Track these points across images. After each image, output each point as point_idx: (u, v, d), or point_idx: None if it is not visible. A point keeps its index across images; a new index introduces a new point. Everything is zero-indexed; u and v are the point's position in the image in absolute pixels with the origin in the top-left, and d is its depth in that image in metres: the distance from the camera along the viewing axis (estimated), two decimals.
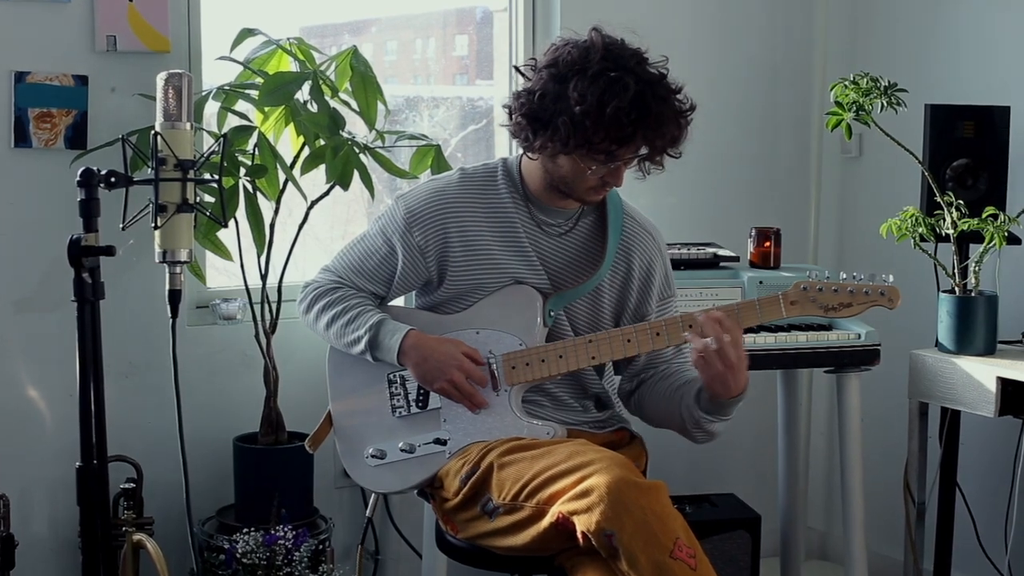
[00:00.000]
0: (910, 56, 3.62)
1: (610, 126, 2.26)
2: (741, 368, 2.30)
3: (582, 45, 2.32)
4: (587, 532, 2.09)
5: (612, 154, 2.31)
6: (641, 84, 2.27)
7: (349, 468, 2.53)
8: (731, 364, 2.28)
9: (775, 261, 3.32)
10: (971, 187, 3.11)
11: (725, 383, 2.30)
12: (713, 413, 2.39)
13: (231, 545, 2.94)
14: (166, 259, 2.26)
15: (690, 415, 2.42)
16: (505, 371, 2.43)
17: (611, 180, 2.38)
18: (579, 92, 2.27)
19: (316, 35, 3.51)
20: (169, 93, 2.26)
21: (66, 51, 2.97)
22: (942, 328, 3.05)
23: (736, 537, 3.29)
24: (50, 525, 3.05)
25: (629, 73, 2.27)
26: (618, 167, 2.36)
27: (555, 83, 2.31)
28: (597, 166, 2.34)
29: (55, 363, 2.96)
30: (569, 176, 2.38)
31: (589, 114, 2.26)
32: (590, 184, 2.39)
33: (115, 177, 2.18)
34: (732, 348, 2.27)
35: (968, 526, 3.32)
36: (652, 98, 2.27)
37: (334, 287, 2.55)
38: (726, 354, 2.27)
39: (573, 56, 2.31)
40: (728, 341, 2.27)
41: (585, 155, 2.32)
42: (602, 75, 2.27)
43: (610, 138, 2.28)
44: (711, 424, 2.41)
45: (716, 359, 2.27)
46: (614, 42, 2.33)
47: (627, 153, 2.33)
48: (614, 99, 2.25)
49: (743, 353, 2.30)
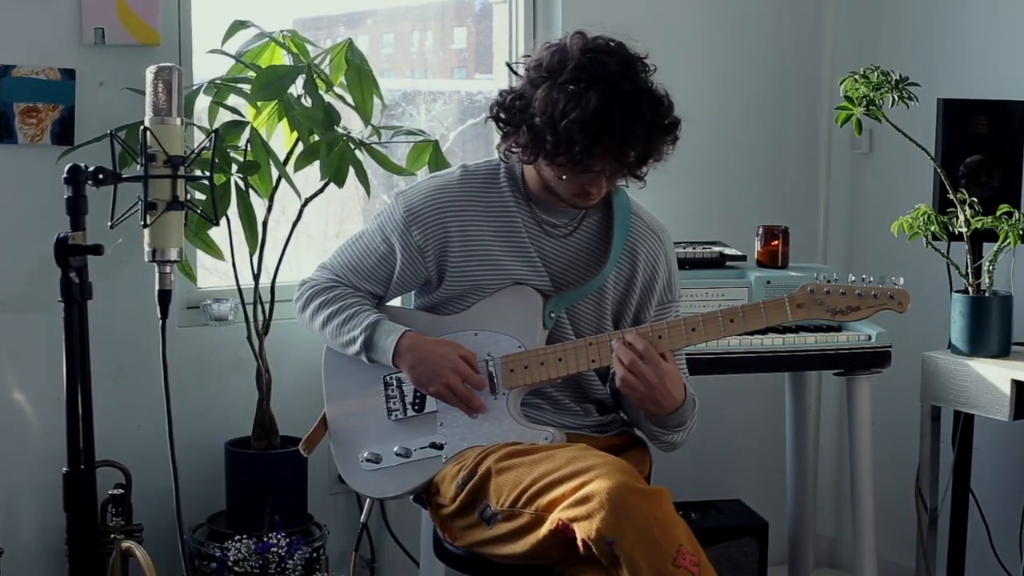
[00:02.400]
0: (922, 49, 3.62)
1: (566, 140, 2.25)
2: (664, 385, 2.33)
3: (562, 49, 2.31)
4: (587, 539, 2.09)
5: (576, 164, 2.29)
6: (607, 97, 2.23)
7: (344, 472, 2.54)
8: (652, 385, 2.32)
9: (783, 260, 3.32)
10: (985, 184, 3.11)
11: (655, 402, 2.35)
12: (662, 427, 2.44)
13: (223, 553, 2.94)
14: (156, 258, 2.25)
15: (647, 429, 2.47)
16: (503, 374, 2.44)
17: (591, 190, 2.37)
18: (541, 101, 2.27)
19: (310, 27, 3.51)
20: (159, 87, 2.26)
21: (53, 44, 2.97)
22: (955, 329, 3.05)
23: (742, 544, 3.29)
24: (36, 532, 3.05)
25: (597, 85, 2.24)
26: (594, 176, 2.34)
27: (530, 87, 2.32)
28: (566, 175, 2.34)
29: (41, 365, 2.96)
30: (550, 181, 2.40)
31: (549, 126, 2.26)
32: (572, 191, 2.38)
33: (103, 174, 2.18)
34: (648, 370, 2.31)
35: (982, 533, 3.32)
36: (620, 113, 2.24)
37: (331, 286, 2.55)
38: (644, 377, 2.31)
39: (550, 61, 2.31)
40: (642, 366, 2.31)
41: (550, 163, 2.33)
42: (566, 86, 2.26)
43: (567, 152, 2.27)
44: (666, 436, 2.46)
45: (636, 383, 2.32)
46: (596, 48, 2.30)
47: (594, 166, 2.30)
48: (572, 112, 2.23)
49: (665, 368, 2.33)
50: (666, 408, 2.36)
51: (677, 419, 2.41)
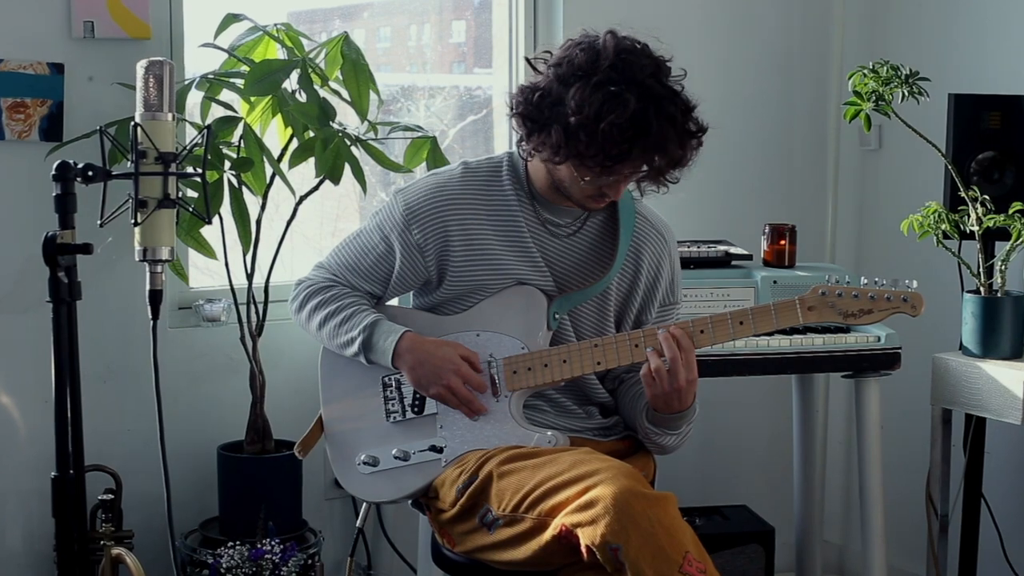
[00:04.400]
0: (933, 42, 3.62)
1: (604, 142, 2.25)
2: (689, 390, 2.36)
3: (593, 48, 2.31)
4: (591, 546, 2.09)
5: (607, 168, 2.31)
6: (645, 100, 2.25)
7: (340, 476, 2.54)
8: (678, 386, 2.34)
9: (790, 259, 3.32)
10: (997, 181, 3.12)
11: (669, 402, 2.37)
12: (659, 426, 2.44)
13: (215, 560, 2.94)
14: (146, 257, 2.25)
15: (641, 427, 2.47)
16: (506, 376, 2.44)
17: (609, 192, 2.39)
18: (577, 101, 2.26)
19: (305, 21, 3.51)
20: (150, 82, 2.26)
21: (40, 37, 2.97)
22: (966, 330, 3.05)
23: (749, 551, 3.30)
24: (24, 539, 3.05)
25: (635, 87, 2.25)
26: (616, 180, 2.35)
27: (558, 85, 2.31)
28: (592, 177, 2.34)
29: (29, 367, 2.96)
30: (566, 181, 2.39)
31: (584, 126, 2.26)
32: (587, 192, 2.39)
33: (92, 171, 2.18)
34: (683, 370, 2.33)
35: (994, 540, 3.32)
36: (656, 116, 2.25)
37: (328, 285, 2.55)
38: (676, 375, 2.33)
39: (581, 59, 2.30)
40: (681, 363, 2.32)
41: (578, 165, 2.33)
42: (603, 86, 2.26)
43: (603, 153, 2.27)
44: (659, 437, 2.46)
45: (666, 379, 2.33)
46: (628, 49, 2.30)
47: (624, 169, 2.32)
48: (611, 114, 2.24)
49: (694, 376, 2.35)
50: (675, 409, 2.37)
51: (678, 422, 2.42)
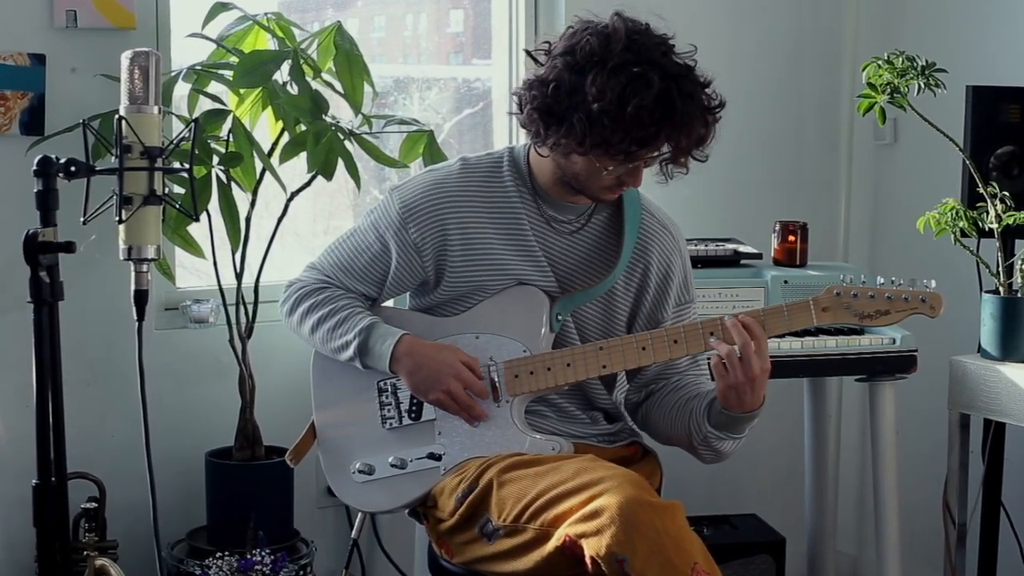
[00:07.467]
0: (950, 33, 3.62)
1: (631, 126, 2.25)
2: (762, 381, 2.33)
3: (602, 32, 2.30)
4: (596, 557, 2.09)
5: (632, 154, 2.31)
6: (666, 80, 2.25)
7: (334, 484, 2.54)
8: (752, 375, 2.30)
9: (801, 258, 3.32)
10: (1017, 177, 3.12)
11: (742, 396, 2.33)
12: (723, 429, 2.40)
13: (203, 571, 2.94)
14: (131, 256, 2.25)
15: (698, 430, 2.44)
16: (507, 380, 2.43)
17: (628, 180, 2.38)
18: (598, 87, 2.25)
19: (296, 10, 3.51)
20: (135, 74, 2.25)
21: (21, 27, 2.97)
22: (985, 332, 3.04)
23: (759, 562, 3.29)
24: (4, 548, 3.04)
25: (653, 67, 2.25)
26: (637, 167, 2.35)
27: (571, 74, 2.30)
28: (615, 166, 2.34)
29: (9, 371, 2.95)
30: (582, 174, 2.38)
31: (608, 112, 2.25)
32: (605, 183, 2.39)
33: (75, 166, 2.17)
34: (756, 358, 2.30)
35: (1013, 549, 3.32)
36: (678, 95, 2.26)
37: (320, 287, 2.55)
38: (749, 363, 2.30)
39: (592, 45, 2.29)
40: (753, 349, 2.30)
41: (602, 154, 2.32)
42: (624, 69, 2.25)
43: (630, 138, 2.27)
44: (720, 442, 2.43)
45: (738, 367, 2.30)
46: (638, 30, 2.31)
47: (648, 153, 2.32)
48: (636, 96, 2.23)
49: (767, 366, 2.32)
50: (747, 406, 2.34)
51: (745, 424, 2.39)
